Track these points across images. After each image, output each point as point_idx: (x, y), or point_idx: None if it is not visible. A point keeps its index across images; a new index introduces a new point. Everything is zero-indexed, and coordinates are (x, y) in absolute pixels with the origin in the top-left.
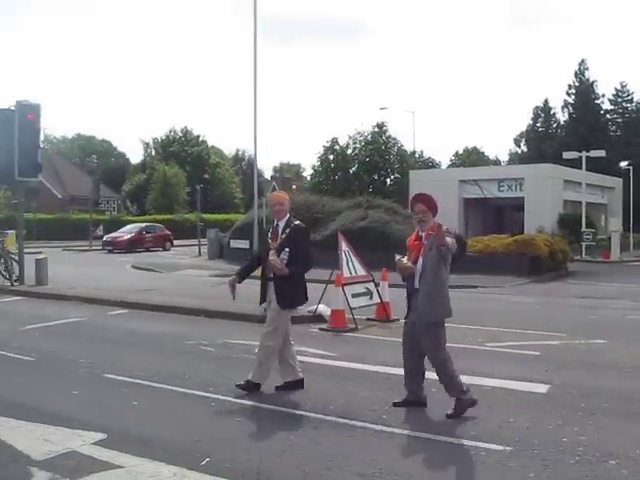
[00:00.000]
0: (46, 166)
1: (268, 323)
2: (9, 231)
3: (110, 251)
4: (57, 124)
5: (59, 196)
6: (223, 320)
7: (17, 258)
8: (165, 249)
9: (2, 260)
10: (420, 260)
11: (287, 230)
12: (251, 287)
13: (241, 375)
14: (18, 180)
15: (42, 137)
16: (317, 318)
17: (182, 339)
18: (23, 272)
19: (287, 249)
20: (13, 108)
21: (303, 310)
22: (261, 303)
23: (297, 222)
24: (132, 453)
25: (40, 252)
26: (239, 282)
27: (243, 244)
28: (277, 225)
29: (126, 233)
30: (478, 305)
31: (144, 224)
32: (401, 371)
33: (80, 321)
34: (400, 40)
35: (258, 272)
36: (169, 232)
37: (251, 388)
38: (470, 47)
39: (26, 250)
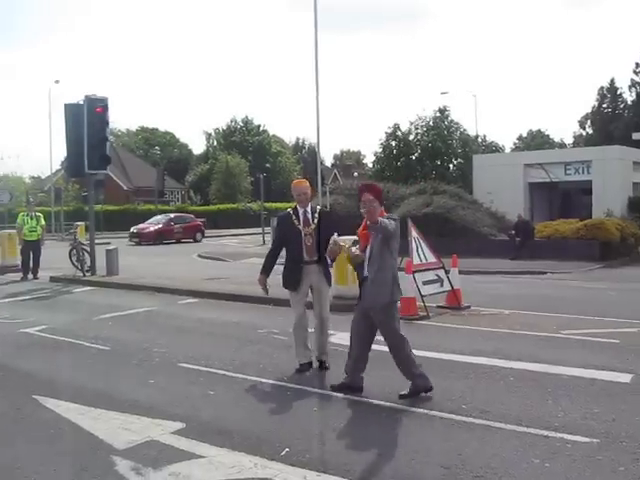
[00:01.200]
0: (112, 158)
1: (326, 302)
2: (79, 223)
3: (137, 243)
4: (121, 117)
5: (125, 188)
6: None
7: (88, 249)
8: (196, 240)
9: (74, 251)
10: (367, 248)
11: (315, 215)
12: None
13: (314, 364)
14: (88, 173)
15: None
16: None
17: (253, 328)
18: (94, 263)
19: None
20: (82, 102)
21: None
22: (295, 289)
23: (320, 207)
24: (211, 443)
25: (109, 243)
26: (268, 277)
27: None
28: (305, 212)
29: (153, 224)
30: (549, 291)
31: (173, 214)
32: (479, 360)
33: (152, 310)
34: (461, 23)
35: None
36: (200, 222)
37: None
38: (532, 27)
39: (96, 241)
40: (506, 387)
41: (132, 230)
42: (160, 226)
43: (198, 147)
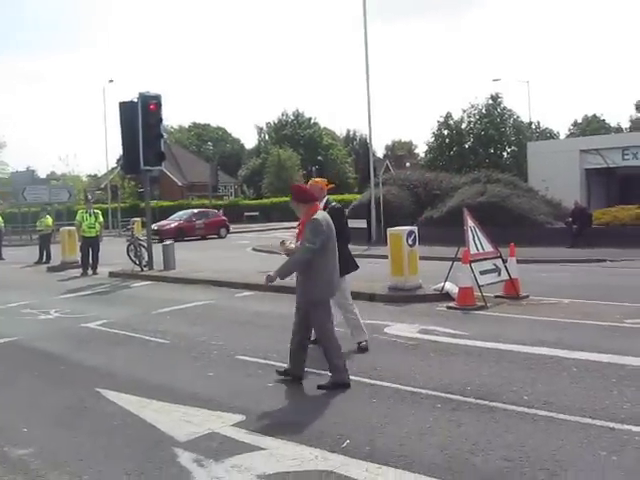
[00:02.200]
0: (167, 155)
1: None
2: (136, 219)
3: (160, 240)
4: (174, 114)
5: (179, 183)
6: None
7: (145, 244)
8: (220, 236)
9: (132, 247)
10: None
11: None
12: (374, 266)
13: (371, 356)
14: (143, 169)
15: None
16: (443, 296)
17: None
18: (152, 257)
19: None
20: (136, 100)
21: (429, 289)
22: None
23: (333, 203)
24: (272, 435)
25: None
26: None
27: (360, 223)
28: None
29: (174, 221)
30: (609, 280)
31: (196, 210)
32: (540, 350)
33: (209, 304)
34: (512, 8)
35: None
36: (224, 217)
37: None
38: (585, 9)
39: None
40: (569, 378)
41: (153, 227)
42: (181, 222)
43: (250, 141)
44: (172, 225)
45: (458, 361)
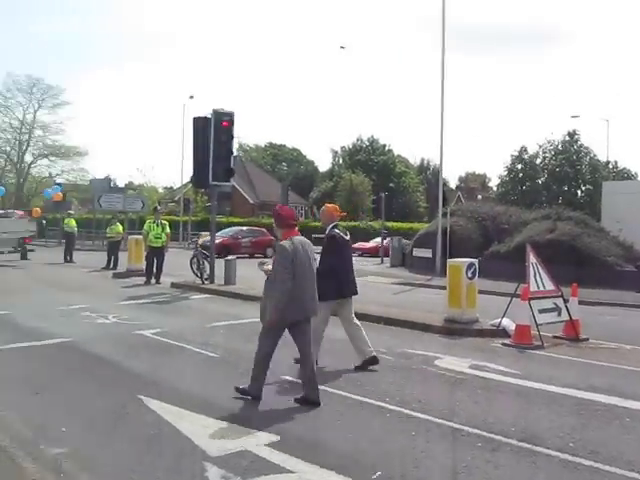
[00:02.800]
0: (240, 173)
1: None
2: (204, 233)
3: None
4: (251, 133)
5: (251, 201)
6: (403, 329)
7: (209, 258)
8: (266, 255)
9: (195, 260)
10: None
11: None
12: (431, 296)
13: (419, 387)
14: (212, 184)
15: (236, 145)
16: (500, 332)
17: None
18: (214, 272)
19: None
20: (209, 116)
21: (486, 324)
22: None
23: (335, 230)
24: (304, 458)
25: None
26: None
27: (426, 253)
28: None
29: (220, 237)
30: None
31: (245, 228)
32: (593, 396)
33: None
34: (595, 44)
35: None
36: (272, 237)
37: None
38: None
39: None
40: (621, 427)
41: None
42: (226, 238)
43: (324, 164)
44: (217, 241)
45: (506, 400)
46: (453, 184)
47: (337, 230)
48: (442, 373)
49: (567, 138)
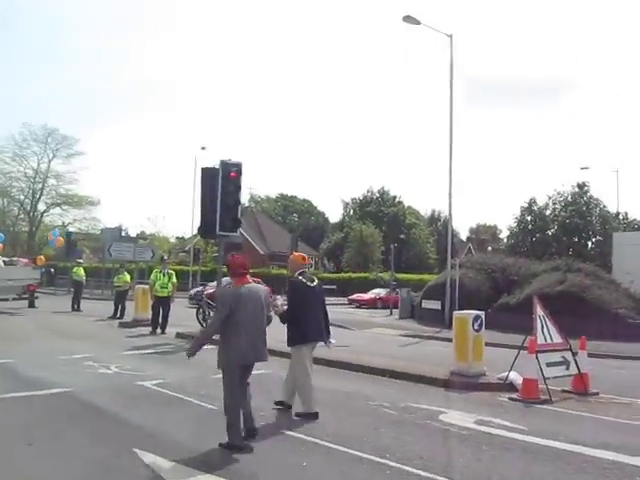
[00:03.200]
0: (251, 224)
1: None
2: (212, 283)
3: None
4: (262, 184)
5: (261, 252)
6: (408, 382)
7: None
8: None
9: (201, 310)
10: None
11: None
12: (439, 349)
13: (421, 442)
14: (219, 234)
15: (248, 196)
16: (507, 386)
17: (365, 399)
18: None
19: (279, 296)
20: (217, 166)
21: (493, 377)
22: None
23: (299, 278)
24: None
25: None
26: None
27: (435, 304)
28: None
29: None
30: None
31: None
32: (602, 453)
33: (265, 373)
34: (606, 96)
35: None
36: (268, 288)
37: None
38: None
39: None
40: None
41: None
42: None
43: (335, 216)
44: (210, 291)
45: (511, 457)
46: (464, 236)
47: (301, 277)
48: (446, 428)
49: (577, 189)
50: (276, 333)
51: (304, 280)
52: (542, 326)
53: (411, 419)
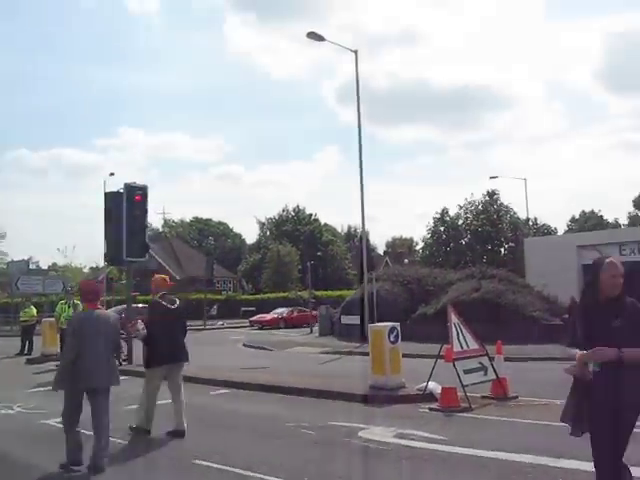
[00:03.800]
0: (165, 249)
1: None
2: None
3: None
4: (176, 208)
5: (178, 277)
6: (327, 400)
7: (125, 337)
8: None
9: None
10: None
11: None
12: (359, 364)
13: (340, 461)
14: (127, 260)
15: (162, 221)
16: (427, 397)
17: (282, 420)
18: (132, 352)
19: (140, 321)
20: (122, 190)
21: (412, 388)
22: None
23: (159, 300)
24: None
25: None
26: None
27: (354, 320)
28: None
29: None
30: None
31: (139, 305)
32: (524, 457)
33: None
34: (510, 107)
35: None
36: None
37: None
38: (574, 107)
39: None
40: None
41: None
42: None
43: (251, 236)
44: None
45: (432, 469)
46: (381, 250)
47: (161, 300)
48: (366, 445)
49: (487, 198)
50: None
51: (164, 302)
52: (457, 333)
53: (330, 438)
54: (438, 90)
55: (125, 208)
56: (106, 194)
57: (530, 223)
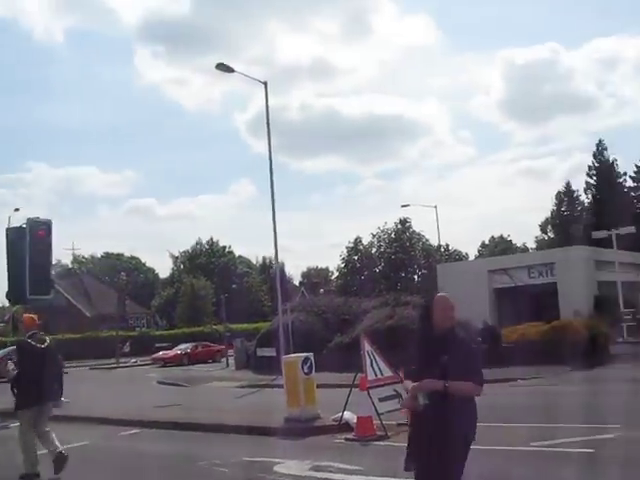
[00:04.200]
0: (75, 286)
1: None
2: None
3: None
4: (86, 244)
5: (88, 315)
6: (242, 435)
7: None
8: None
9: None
10: None
11: None
12: (275, 397)
13: None
14: (30, 298)
15: (71, 257)
16: (344, 427)
17: (195, 459)
18: None
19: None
20: (24, 226)
21: (328, 419)
22: None
23: (28, 340)
24: None
25: (66, 372)
26: None
27: (269, 352)
28: None
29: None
30: (519, 400)
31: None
32: None
33: (87, 445)
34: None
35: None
36: None
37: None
38: (480, 139)
39: None
40: None
41: None
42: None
43: (164, 271)
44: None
45: None
46: (297, 280)
47: (30, 340)
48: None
49: (399, 226)
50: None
51: (32, 342)
52: (371, 362)
53: (243, 475)
54: (351, 121)
55: (28, 244)
56: (7, 229)
57: (442, 249)
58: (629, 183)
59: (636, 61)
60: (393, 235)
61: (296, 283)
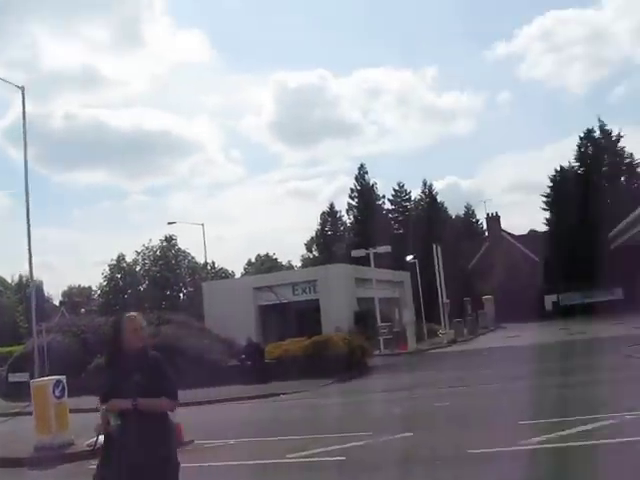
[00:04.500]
0: None
1: None
2: None
3: None
4: None
5: None
6: None
7: None
8: None
9: None
10: None
11: None
12: (27, 425)
13: None
14: None
15: None
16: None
17: None
18: None
19: None
20: None
21: (82, 445)
22: None
23: None
24: None
25: None
26: None
27: (22, 377)
28: None
29: None
30: (278, 414)
31: None
32: None
33: None
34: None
35: None
36: None
37: None
38: (250, 160)
39: None
40: None
41: None
42: None
43: None
44: None
45: None
46: (57, 300)
47: None
48: None
49: (165, 244)
50: None
51: None
52: None
53: None
54: (119, 134)
55: None
56: None
57: (209, 267)
58: (387, 205)
59: (398, 93)
60: (158, 252)
61: (56, 303)
